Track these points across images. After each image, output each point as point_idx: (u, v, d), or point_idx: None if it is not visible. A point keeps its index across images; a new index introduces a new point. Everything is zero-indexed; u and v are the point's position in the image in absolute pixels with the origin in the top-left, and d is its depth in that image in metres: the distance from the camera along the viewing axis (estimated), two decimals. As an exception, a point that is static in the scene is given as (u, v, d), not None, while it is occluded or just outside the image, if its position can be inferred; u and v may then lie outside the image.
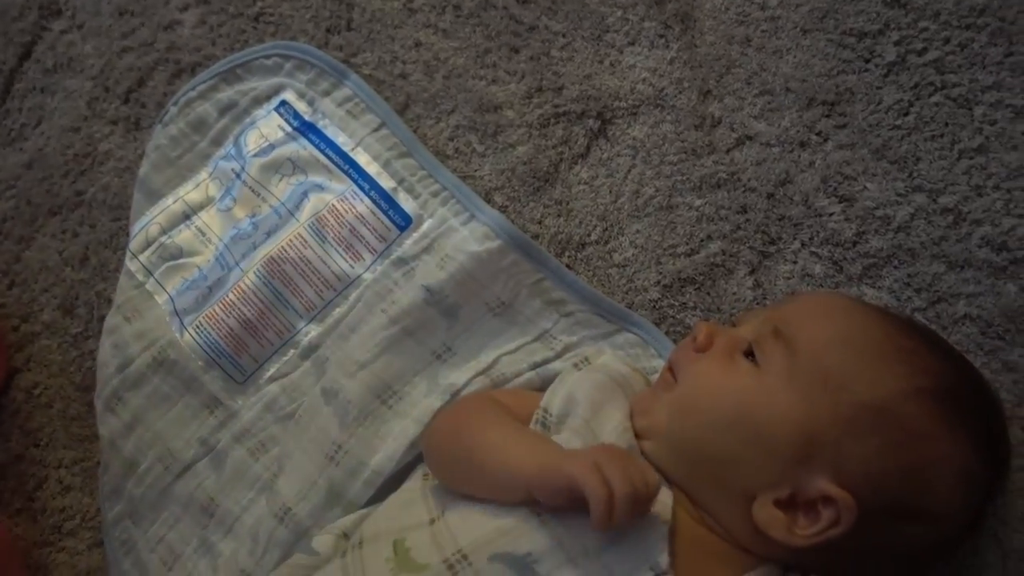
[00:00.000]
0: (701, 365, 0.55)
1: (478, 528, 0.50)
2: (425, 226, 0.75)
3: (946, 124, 0.70)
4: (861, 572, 0.52)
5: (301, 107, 0.83)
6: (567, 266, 0.73)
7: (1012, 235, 0.66)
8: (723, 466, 0.51)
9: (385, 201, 0.76)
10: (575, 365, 0.63)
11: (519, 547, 0.48)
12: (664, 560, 0.46)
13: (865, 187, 0.70)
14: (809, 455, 0.49)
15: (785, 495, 0.49)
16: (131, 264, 0.81)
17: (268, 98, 0.84)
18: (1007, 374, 0.63)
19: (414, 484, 0.61)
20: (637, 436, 0.56)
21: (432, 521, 0.54)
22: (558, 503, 0.47)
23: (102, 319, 0.81)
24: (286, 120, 0.82)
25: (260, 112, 0.84)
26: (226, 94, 0.85)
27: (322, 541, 0.60)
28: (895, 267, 0.67)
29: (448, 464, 0.58)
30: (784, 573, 0.51)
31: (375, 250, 0.75)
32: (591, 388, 0.58)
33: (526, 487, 0.48)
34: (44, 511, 0.78)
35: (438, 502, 0.56)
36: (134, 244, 0.82)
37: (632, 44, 0.78)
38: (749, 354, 0.54)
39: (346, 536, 0.60)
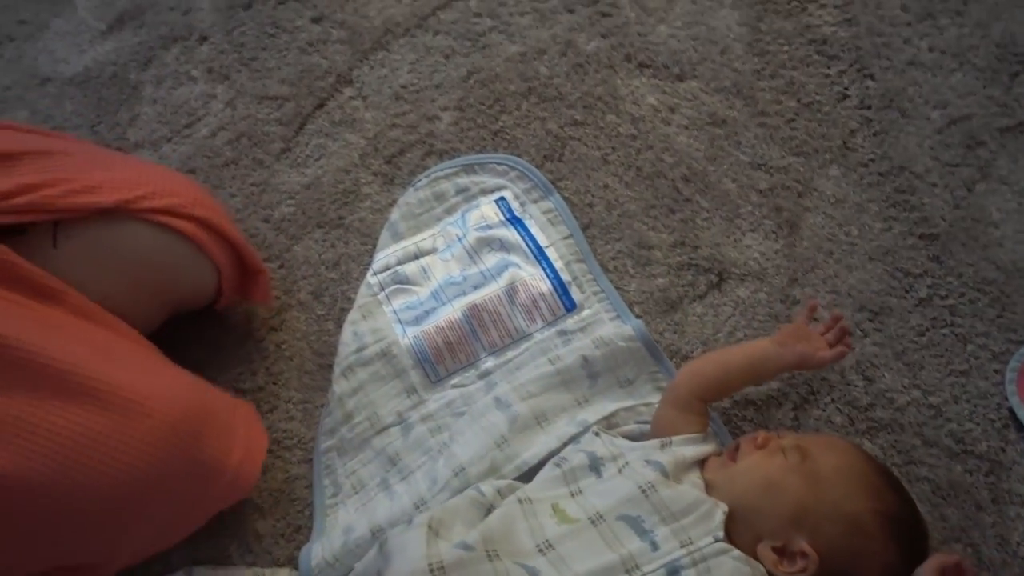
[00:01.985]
0: (756, 455, 0.88)
1: (608, 499, 0.83)
2: (584, 313, 1.09)
3: (946, 350, 1.04)
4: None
5: (515, 205, 1.18)
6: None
7: (968, 435, 0.99)
8: (749, 513, 0.83)
9: (561, 288, 1.11)
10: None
11: (632, 511, 0.82)
12: (721, 534, 0.79)
13: (884, 375, 1.03)
14: (800, 522, 0.81)
15: (780, 544, 0.81)
16: (371, 279, 1.15)
17: (492, 191, 1.20)
18: (942, 522, 0.95)
19: (553, 472, 0.92)
20: (706, 485, 0.89)
21: (572, 495, 0.87)
22: (789, 354, 0.94)
23: (342, 310, 1.15)
24: (502, 211, 1.18)
25: (484, 200, 1.19)
26: (463, 180, 1.21)
27: (487, 490, 0.92)
28: (888, 433, 1.00)
29: (705, 383, 0.96)
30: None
31: (546, 320, 1.10)
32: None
33: (774, 360, 0.95)
34: (271, 428, 1.09)
35: (573, 481, 0.89)
36: (376, 265, 1.16)
37: (753, 231, 1.13)
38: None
39: (500, 493, 0.92)
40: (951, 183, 1.12)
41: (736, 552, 0.79)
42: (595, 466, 0.90)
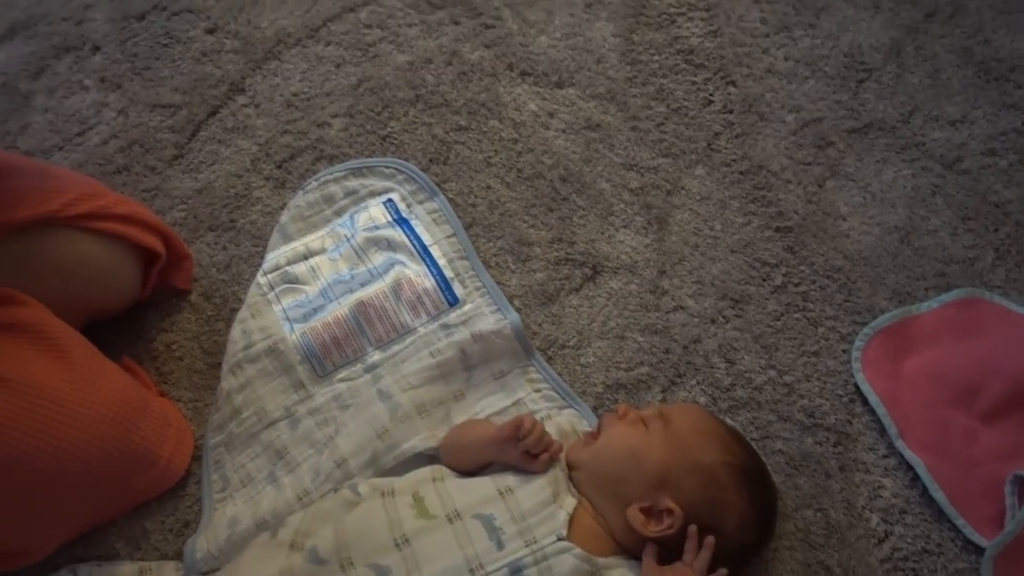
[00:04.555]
0: (618, 425, 0.95)
1: (466, 497, 0.88)
2: (466, 307, 1.15)
3: (799, 333, 1.12)
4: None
5: (402, 206, 1.23)
6: (548, 359, 1.12)
7: (819, 409, 1.07)
8: (615, 483, 0.89)
9: (444, 284, 1.16)
10: (542, 419, 1.02)
11: (487, 510, 0.87)
12: (563, 531, 0.84)
13: (743, 358, 1.11)
14: (664, 483, 0.87)
15: (646, 505, 0.87)
16: (261, 279, 1.18)
17: (380, 194, 1.24)
18: (795, 490, 1.03)
19: (419, 463, 0.99)
20: (569, 467, 0.94)
21: (434, 480, 0.92)
22: (507, 453, 0.90)
23: (232, 310, 1.17)
24: (389, 212, 1.22)
25: (372, 202, 1.24)
26: (352, 183, 1.25)
27: (364, 489, 0.96)
28: (748, 411, 1.08)
29: (450, 448, 0.98)
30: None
31: (430, 314, 1.14)
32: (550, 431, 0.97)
33: (487, 446, 0.93)
34: (161, 428, 1.12)
35: (438, 470, 0.94)
36: (266, 266, 1.19)
37: (625, 227, 1.21)
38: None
39: (381, 494, 0.96)
40: (804, 180, 1.21)
41: (578, 551, 0.84)
42: None
